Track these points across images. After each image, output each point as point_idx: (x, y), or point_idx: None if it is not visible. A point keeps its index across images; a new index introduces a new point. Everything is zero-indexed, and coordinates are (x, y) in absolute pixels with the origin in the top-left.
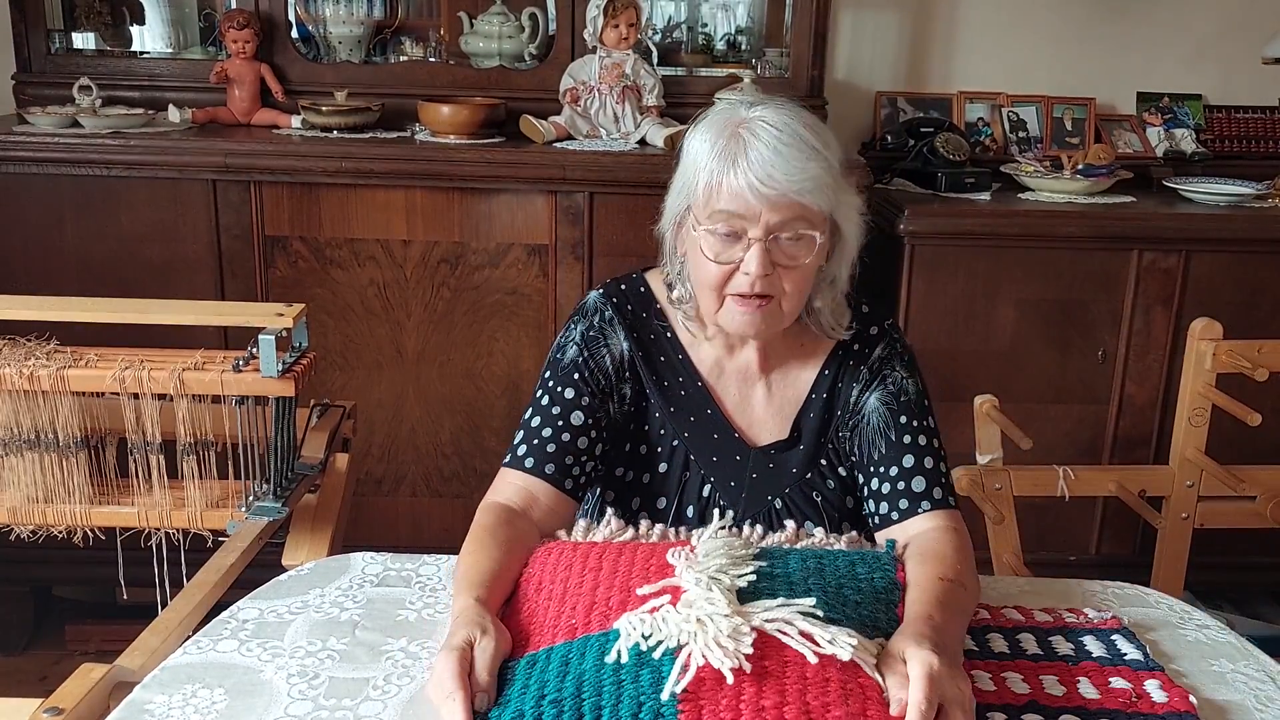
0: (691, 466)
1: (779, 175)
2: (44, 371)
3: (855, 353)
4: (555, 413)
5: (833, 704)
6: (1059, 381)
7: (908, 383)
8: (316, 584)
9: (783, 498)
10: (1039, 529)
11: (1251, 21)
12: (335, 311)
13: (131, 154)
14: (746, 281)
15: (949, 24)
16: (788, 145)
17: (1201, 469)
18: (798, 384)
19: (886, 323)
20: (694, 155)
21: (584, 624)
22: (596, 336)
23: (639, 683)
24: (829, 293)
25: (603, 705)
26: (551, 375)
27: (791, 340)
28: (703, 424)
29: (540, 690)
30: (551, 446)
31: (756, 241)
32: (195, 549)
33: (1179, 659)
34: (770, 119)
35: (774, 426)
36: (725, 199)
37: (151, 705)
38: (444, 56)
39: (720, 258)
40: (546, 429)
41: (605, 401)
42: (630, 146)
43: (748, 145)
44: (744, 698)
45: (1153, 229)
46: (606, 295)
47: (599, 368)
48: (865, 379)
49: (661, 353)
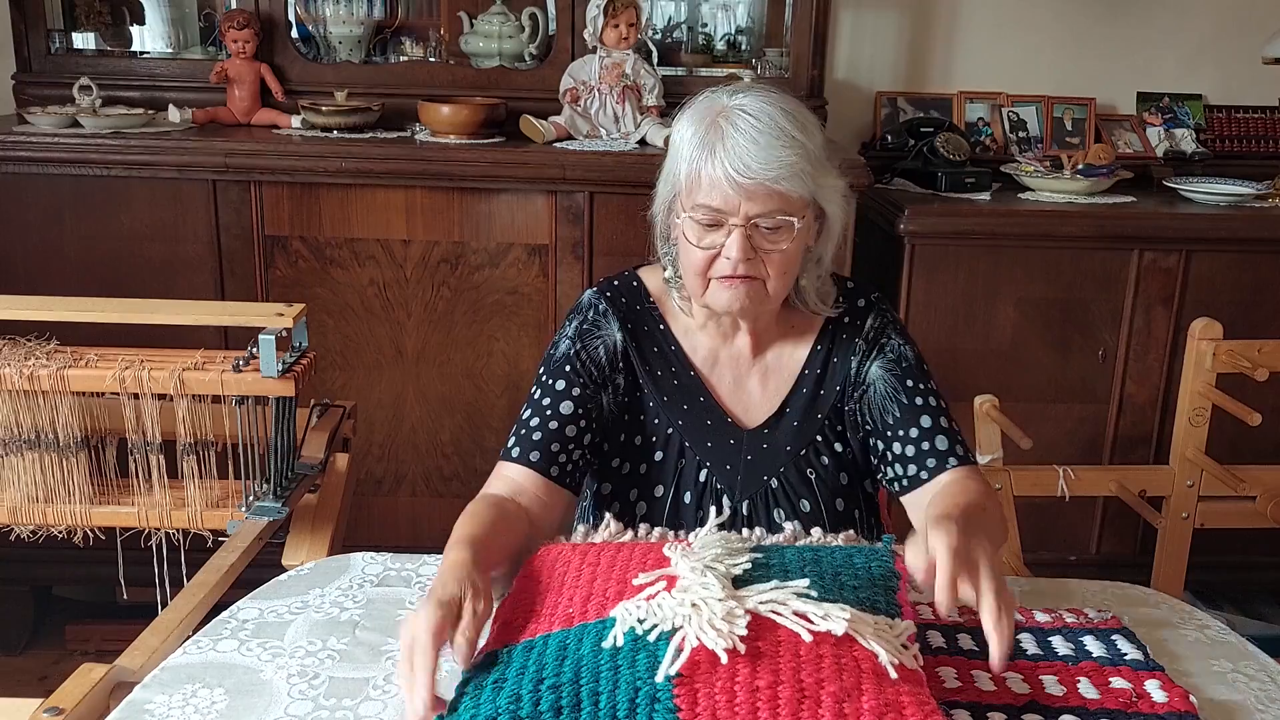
0: (687, 453)
1: (755, 164)
2: (44, 371)
3: (846, 325)
4: (545, 404)
5: (826, 679)
6: (1059, 381)
7: (906, 349)
8: (316, 584)
9: (778, 477)
10: (1039, 529)
11: (1251, 21)
12: (335, 311)
13: (131, 154)
14: (729, 265)
15: (949, 24)
16: (764, 133)
17: (1201, 469)
18: (790, 363)
19: (873, 295)
20: (678, 142)
21: (581, 613)
22: (590, 329)
23: (635, 667)
24: (814, 271)
25: (600, 690)
26: (545, 370)
27: (782, 323)
28: (696, 411)
29: (538, 674)
30: (538, 435)
31: (737, 228)
32: (195, 549)
33: (1179, 659)
34: (750, 107)
35: (768, 409)
36: (705, 190)
37: (151, 705)
38: (444, 56)
39: (703, 243)
40: (535, 419)
41: (598, 393)
42: (630, 146)
43: (725, 135)
44: (738, 679)
45: (1153, 229)
46: (600, 291)
47: (592, 359)
48: (863, 350)
49: (654, 344)
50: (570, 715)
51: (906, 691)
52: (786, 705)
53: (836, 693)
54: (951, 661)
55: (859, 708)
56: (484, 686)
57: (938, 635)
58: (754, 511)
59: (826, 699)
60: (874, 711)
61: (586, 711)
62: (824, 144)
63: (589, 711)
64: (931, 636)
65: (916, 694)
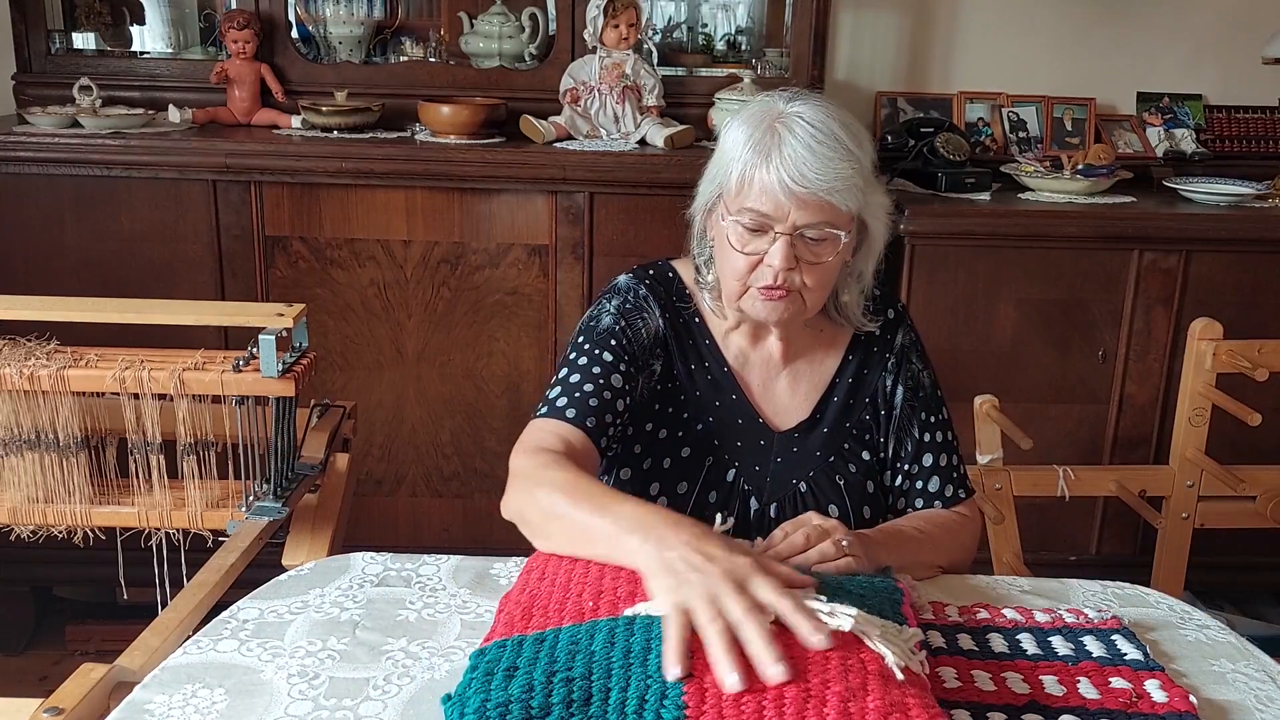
0: (715, 451)
1: (810, 174)
2: (44, 371)
3: (877, 338)
4: (596, 372)
5: (833, 680)
6: (1059, 381)
7: (924, 375)
8: (316, 584)
9: (807, 481)
10: (1039, 529)
11: (1251, 21)
12: (335, 311)
13: (131, 154)
14: (770, 274)
15: (949, 24)
16: (822, 144)
17: (1201, 469)
18: (821, 371)
19: (900, 305)
20: (730, 144)
21: (592, 610)
22: (634, 309)
23: (646, 665)
24: (855, 287)
25: (611, 686)
26: (587, 340)
27: (813, 329)
28: (728, 409)
29: (550, 666)
30: (594, 401)
31: (782, 236)
32: (195, 549)
33: (1179, 659)
34: (808, 115)
35: (797, 412)
36: (756, 195)
37: (151, 705)
38: (444, 56)
39: (747, 249)
40: (588, 384)
41: (638, 374)
42: (630, 146)
43: (783, 140)
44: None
45: (1153, 229)
46: (638, 278)
47: (635, 338)
48: (893, 367)
49: (691, 336)
50: (580, 709)
51: (912, 694)
52: (792, 704)
53: (842, 692)
54: (951, 661)
55: (864, 707)
56: (495, 673)
57: (938, 635)
58: (782, 515)
59: (832, 698)
60: (879, 711)
61: (596, 706)
62: (875, 160)
63: (598, 706)
64: (931, 636)
65: (922, 697)
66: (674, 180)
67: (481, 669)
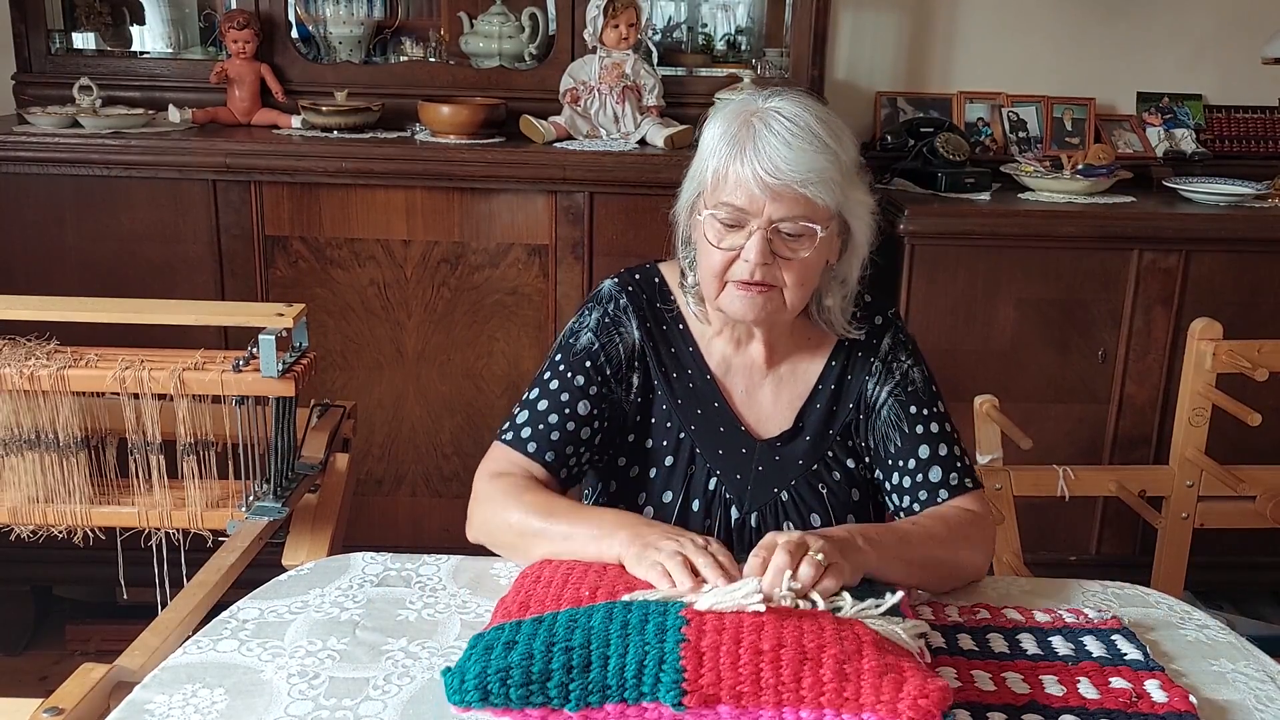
0: (697, 460)
1: (784, 166)
2: (44, 371)
3: (863, 344)
4: (563, 400)
5: (827, 644)
6: (1059, 381)
7: (914, 371)
8: (316, 584)
9: (789, 490)
10: (1039, 529)
11: (1251, 21)
12: (335, 311)
13: (131, 154)
14: (746, 269)
15: (949, 24)
16: (797, 137)
17: (1201, 469)
18: (805, 376)
19: (890, 312)
20: (707, 140)
21: (589, 599)
22: (611, 324)
23: (645, 634)
24: (839, 292)
25: (610, 653)
26: (563, 359)
27: (798, 334)
28: (710, 417)
29: (550, 638)
30: (555, 435)
31: (757, 230)
32: (195, 549)
33: (1179, 659)
34: (785, 110)
35: (781, 420)
36: (731, 189)
37: (151, 705)
38: (444, 56)
39: (723, 244)
40: (553, 415)
41: (613, 390)
42: (630, 146)
43: (758, 134)
44: (743, 643)
45: (1153, 229)
46: (621, 284)
47: (612, 355)
48: (878, 372)
49: (672, 344)
50: (580, 674)
51: (906, 657)
52: (789, 666)
53: (838, 655)
54: (951, 661)
55: (859, 668)
56: (495, 646)
57: (938, 635)
58: (763, 523)
59: (828, 660)
60: (874, 671)
61: (595, 671)
62: (857, 158)
63: (598, 672)
64: (931, 636)
65: (915, 660)
66: (674, 180)
67: (480, 645)
